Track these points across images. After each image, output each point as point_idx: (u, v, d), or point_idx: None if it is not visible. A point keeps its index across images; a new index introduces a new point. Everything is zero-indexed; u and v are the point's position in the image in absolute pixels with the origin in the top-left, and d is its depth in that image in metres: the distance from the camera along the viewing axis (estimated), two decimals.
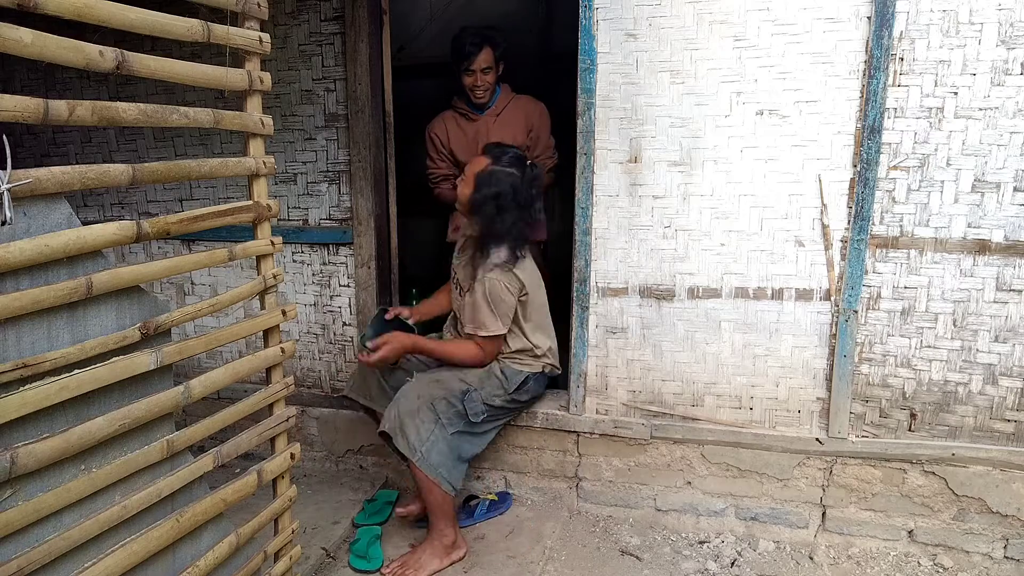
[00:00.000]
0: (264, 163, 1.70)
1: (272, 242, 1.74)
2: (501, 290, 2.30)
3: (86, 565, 1.27)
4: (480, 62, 2.84)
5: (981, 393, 2.28)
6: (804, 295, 2.35)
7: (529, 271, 2.41)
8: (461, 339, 2.45)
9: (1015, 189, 2.14)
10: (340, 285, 2.89)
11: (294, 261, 2.92)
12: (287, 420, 1.84)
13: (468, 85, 2.91)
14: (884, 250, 2.27)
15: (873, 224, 2.25)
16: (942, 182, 2.19)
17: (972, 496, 2.31)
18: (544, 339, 2.49)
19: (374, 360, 2.27)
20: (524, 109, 3.00)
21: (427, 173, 3.14)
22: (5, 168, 1.08)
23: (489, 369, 2.43)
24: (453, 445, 2.29)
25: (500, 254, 2.33)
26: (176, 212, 1.49)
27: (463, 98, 3.00)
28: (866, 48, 2.15)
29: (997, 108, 2.11)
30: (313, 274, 2.91)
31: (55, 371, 1.19)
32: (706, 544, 2.45)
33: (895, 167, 2.21)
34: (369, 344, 2.29)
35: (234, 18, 1.57)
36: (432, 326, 2.88)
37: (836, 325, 2.33)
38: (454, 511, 2.35)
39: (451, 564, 2.31)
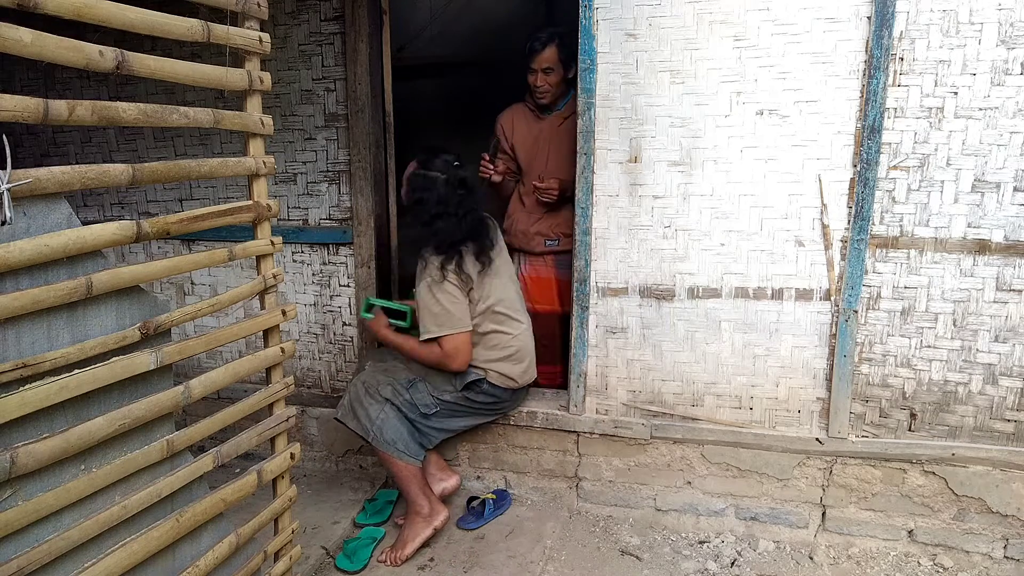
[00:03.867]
0: (264, 163, 1.70)
1: (272, 242, 1.74)
2: (432, 297, 2.31)
3: (86, 565, 1.27)
4: (542, 61, 2.76)
5: (981, 393, 2.28)
6: (804, 295, 2.35)
7: (481, 277, 2.39)
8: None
9: (1015, 189, 2.14)
10: (340, 285, 2.89)
11: (294, 261, 2.92)
12: (287, 420, 1.84)
13: (531, 84, 2.84)
14: (884, 250, 2.27)
15: (873, 224, 2.25)
16: (942, 182, 2.19)
17: (972, 496, 2.31)
18: (486, 352, 2.45)
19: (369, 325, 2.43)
20: None
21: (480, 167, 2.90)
22: (5, 168, 1.08)
23: None
24: (409, 427, 2.40)
25: (433, 259, 2.33)
26: (176, 212, 1.49)
27: (531, 95, 2.92)
28: (866, 48, 2.15)
29: (997, 108, 2.11)
30: (313, 274, 2.91)
31: (55, 371, 1.19)
32: (706, 544, 2.45)
33: (895, 167, 2.21)
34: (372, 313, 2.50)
35: (234, 18, 1.57)
36: None
37: (836, 325, 2.33)
38: (424, 480, 2.43)
39: (435, 531, 2.39)
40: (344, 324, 2.92)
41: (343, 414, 2.43)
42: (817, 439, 2.40)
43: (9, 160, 1.09)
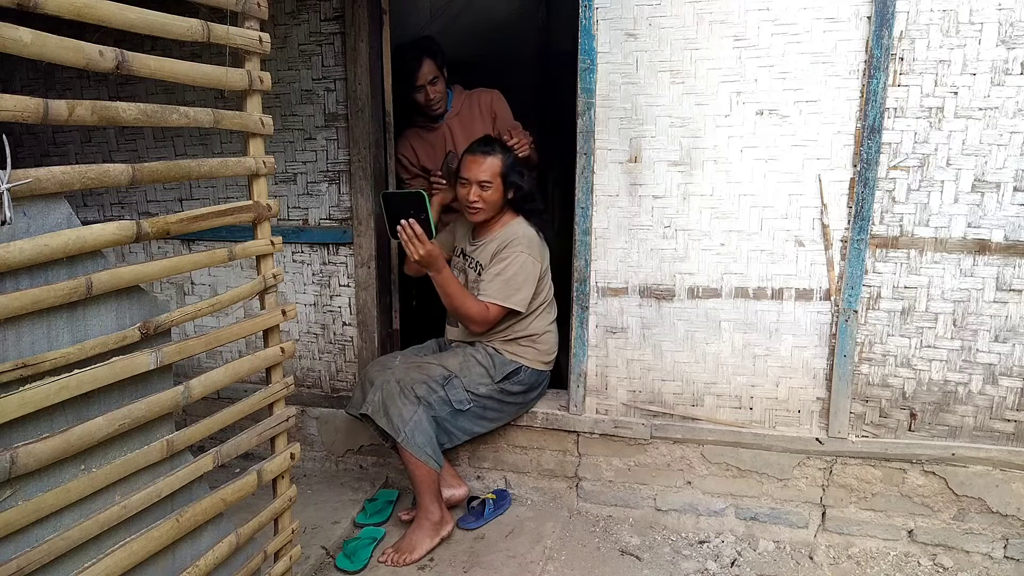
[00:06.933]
0: (264, 163, 1.70)
1: (272, 242, 1.74)
2: (520, 266, 2.43)
3: (86, 565, 1.27)
4: (425, 75, 2.79)
5: (981, 393, 2.28)
6: (804, 295, 2.35)
7: (546, 254, 2.58)
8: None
9: (1015, 189, 2.14)
10: (340, 285, 2.89)
11: (294, 261, 2.91)
12: (287, 420, 1.84)
13: (421, 102, 2.85)
14: (884, 250, 2.27)
15: (873, 224, 2.25)
16: (942, 182, 2.19)
17: (972, 496, 2.31)
18: (538, 321, 2.56)
19: (418, 233, 2.27)
20: (480, 102, 2.95)
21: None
22: (5, 168, 1.08)
23: (469, 354, 2.49)
24: (436, 428, 2.38)
25: (533, 232, 2.52)
26: (176, 212, 1.49)
27: (420, 113, 2.93)
28: (866, 48, 2.15)
29: (997, 108, 2.11)
30: (313, 274, 2.91)
31: (55, 371, 1.19)
32: (706, 544, 2.45)
33: (895, 167, 2.21)
34: (408, 227, 2.27)
35: (234, 18, 1.57)
36: (428, 326, 2.88)
37: (836, 325, 2.33)
38: (439, 487, 2.42)
39: (441, 541, 2.39)
40: (344, 324, 2.92)
41: (373, 411, 2.34)
42: (817, 439, 2.40)
43: (9, 160, 1.09)
